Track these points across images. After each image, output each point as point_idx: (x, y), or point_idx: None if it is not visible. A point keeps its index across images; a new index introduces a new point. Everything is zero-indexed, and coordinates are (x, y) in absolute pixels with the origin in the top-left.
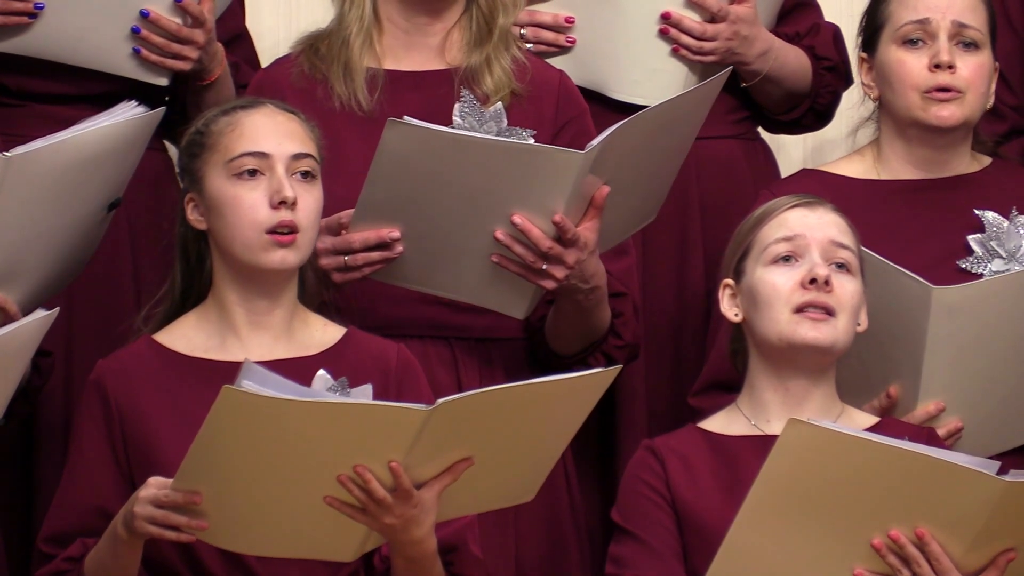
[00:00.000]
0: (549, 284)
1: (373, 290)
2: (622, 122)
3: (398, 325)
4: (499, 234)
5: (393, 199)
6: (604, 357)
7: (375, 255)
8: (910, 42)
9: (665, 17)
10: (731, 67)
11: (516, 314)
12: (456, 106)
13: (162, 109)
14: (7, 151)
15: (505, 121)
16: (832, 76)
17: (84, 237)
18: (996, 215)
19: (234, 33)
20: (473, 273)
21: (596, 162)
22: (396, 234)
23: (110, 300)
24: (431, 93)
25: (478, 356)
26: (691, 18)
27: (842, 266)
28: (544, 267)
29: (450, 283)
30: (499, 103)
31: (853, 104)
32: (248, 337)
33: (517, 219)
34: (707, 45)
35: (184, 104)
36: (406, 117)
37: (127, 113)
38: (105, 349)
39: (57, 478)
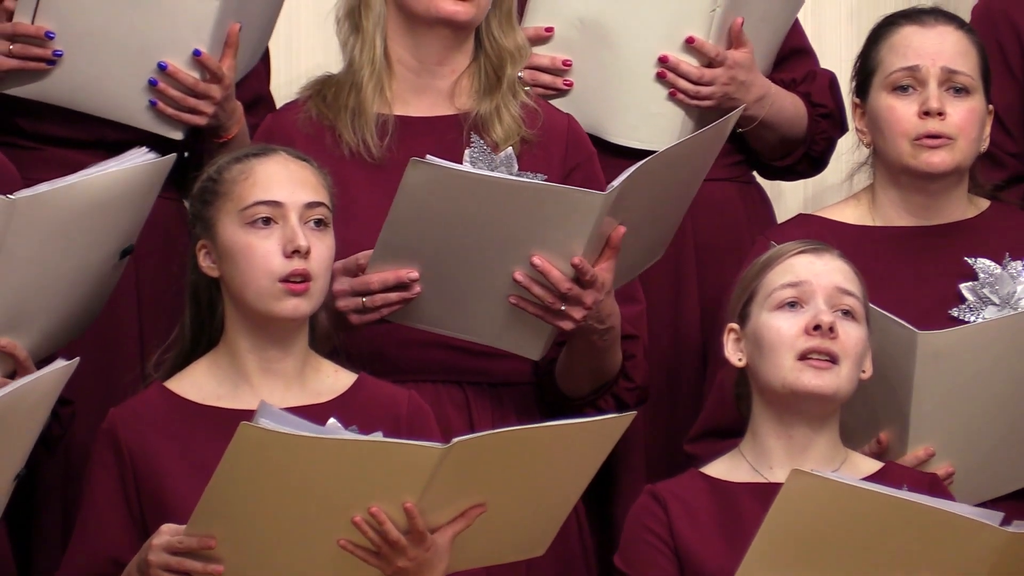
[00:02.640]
0: (567, 325)
1: (384, 335)
2: (641, 163)
3: (410, 369)
4: (518, 275)
5: (413, 239)
6: (614, 399)
7: (393, 296)
8: (900, 89)
9: (662, 61)
10: (742, 107)
11: (532, 355)
12: (467, 152)
13: (172, 156)
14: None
15: (516, 166)
16: (827, 123)
17: (96, 284)
18: (988, 262)
19: (256, 95)
20: (490, 314)
21: (614, 203)
22: (415, 275)
23: (114, 345)
24: (441, 138)
25: (490, 400)
26: (688, 62)
27: (847, 313)
28: (563, 308)
29: (467, 324)
30: (509, 148)
31: (850, 148)
32: (260, 384)
33: (537, 260)
34: (704, 90)
35: (201, 160)
36: (429, 156)
37: (138, 159)
38: (108, 394)
39: (57, 522)
